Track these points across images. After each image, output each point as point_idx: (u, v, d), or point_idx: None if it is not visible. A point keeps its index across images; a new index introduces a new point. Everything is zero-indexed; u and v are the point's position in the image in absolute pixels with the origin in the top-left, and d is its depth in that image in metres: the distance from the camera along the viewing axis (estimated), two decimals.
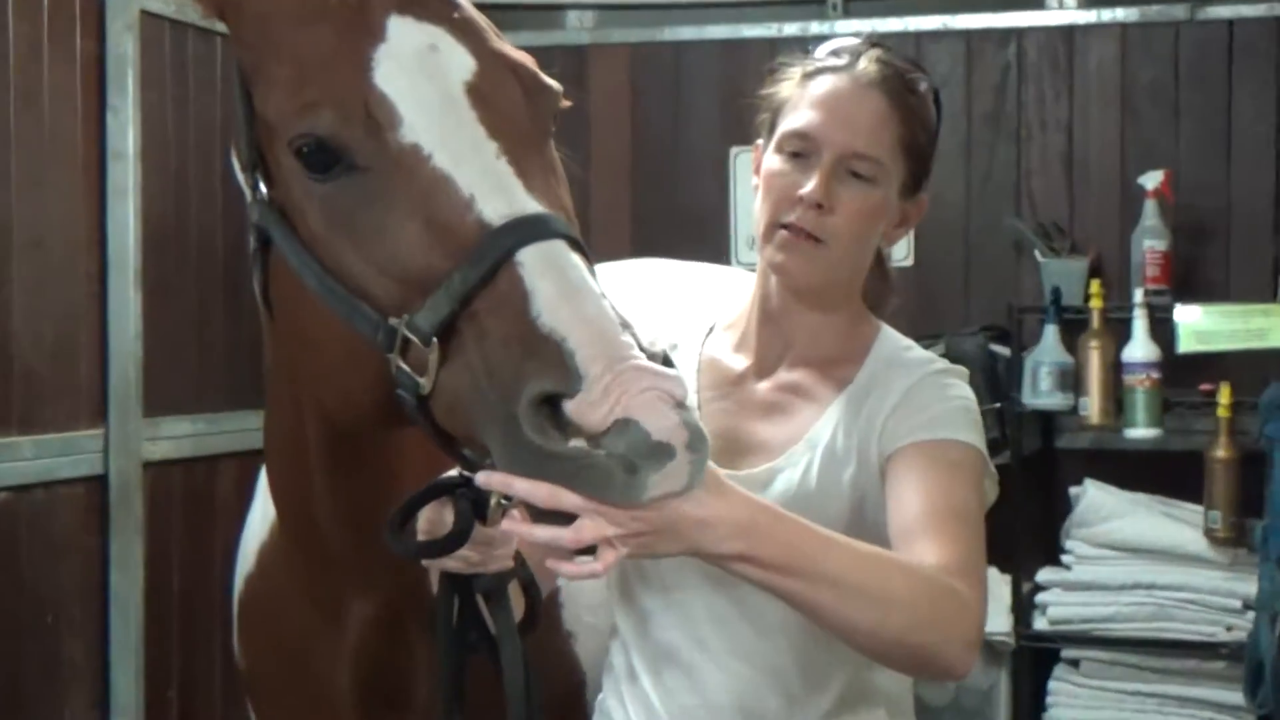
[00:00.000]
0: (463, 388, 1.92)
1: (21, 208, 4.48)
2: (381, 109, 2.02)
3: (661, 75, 6.29)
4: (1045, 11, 5.98)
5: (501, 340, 1.88)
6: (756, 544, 2.02)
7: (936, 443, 2.39)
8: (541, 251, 1.92)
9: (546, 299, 1.87)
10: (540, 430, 1.82)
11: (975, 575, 2.25)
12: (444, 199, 1.98)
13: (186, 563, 5.08)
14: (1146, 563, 5.31)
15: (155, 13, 4.93)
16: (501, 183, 1.99)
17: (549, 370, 1.82)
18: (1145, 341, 5.30)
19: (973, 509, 2.35)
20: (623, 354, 1.82)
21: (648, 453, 1.80)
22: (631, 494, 1.82)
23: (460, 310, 1.92)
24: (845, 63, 2.55)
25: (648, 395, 1.80)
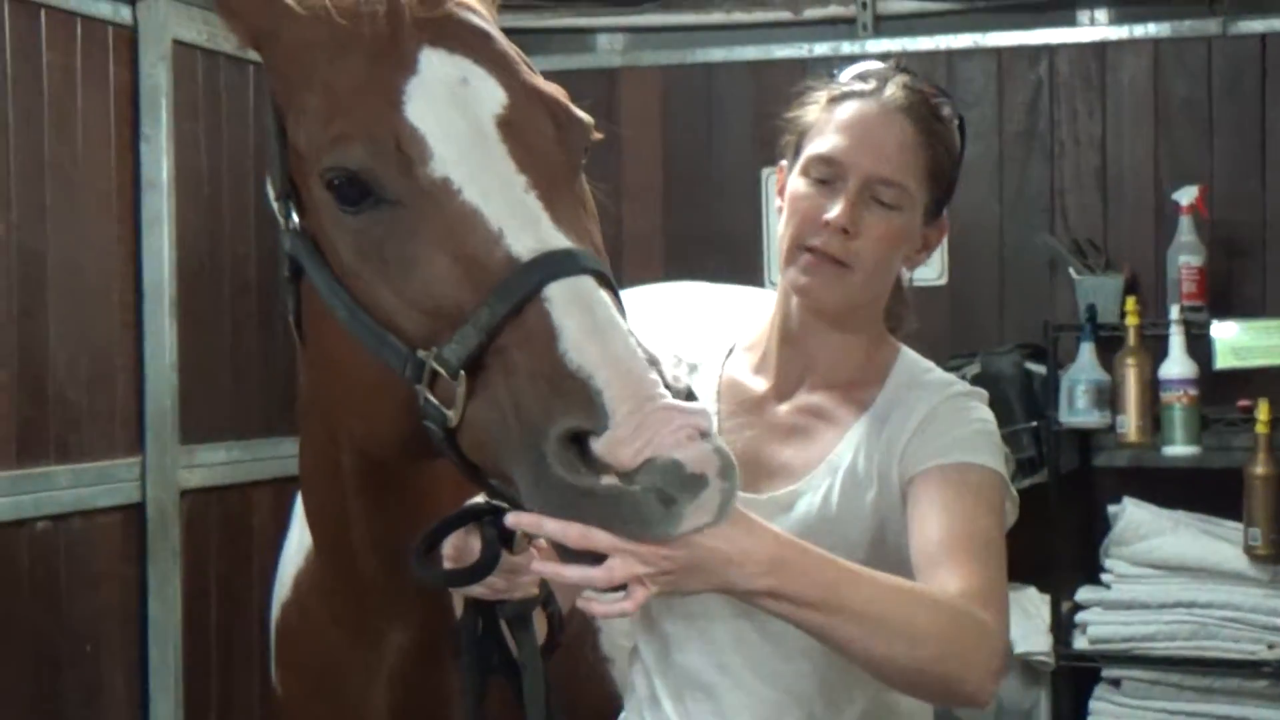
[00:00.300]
0: (490, 422, 1.93)
1: (56, 237, 4.50)
2: (412, 143, 2.02)
3: (692, 97, 6.29)
4: (1077, 28, 5.96)
5: (529, 376, 1.88)
6: (785, 580, 2.03)
7: (957, 466, 2.39)
8: (569, 287, 1.92)
9: (573, 336, 1.87)
10: (571, 467, 1.82)
11: (997, 601, 2.26)
12: (473, 233, 1.98)
13: (224, 590, 5.09)
14: (1187, 581, 5.28)
15: (188, 42, 4.95)
16: (530, 217, 1.99)
17: (577, 408, 1.83)
18: (1182, 358, 5.27)
19: (994, 534, 2.35)
20: (650, 393, 1.83)
21: (683, 484, 1.81)
22: (668, 526, 1.82)
23: (488, 344, 1.92)
24: (872, 88, 2.55)
25: (677, 434, 1.81)
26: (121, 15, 4.78)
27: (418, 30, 2.11)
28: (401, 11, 2.11)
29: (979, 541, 2.30)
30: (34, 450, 4.44)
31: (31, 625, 4.42)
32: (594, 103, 2.26)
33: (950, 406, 2.46)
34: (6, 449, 4.35)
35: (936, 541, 2.30)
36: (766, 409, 2.59)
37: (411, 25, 2.10)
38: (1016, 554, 3.00)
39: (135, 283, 4.81)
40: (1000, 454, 2.46)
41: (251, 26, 2.20)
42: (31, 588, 4.41)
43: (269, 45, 2.19)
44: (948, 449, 2.40)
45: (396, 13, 2.11)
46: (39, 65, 4.47)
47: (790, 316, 2.58)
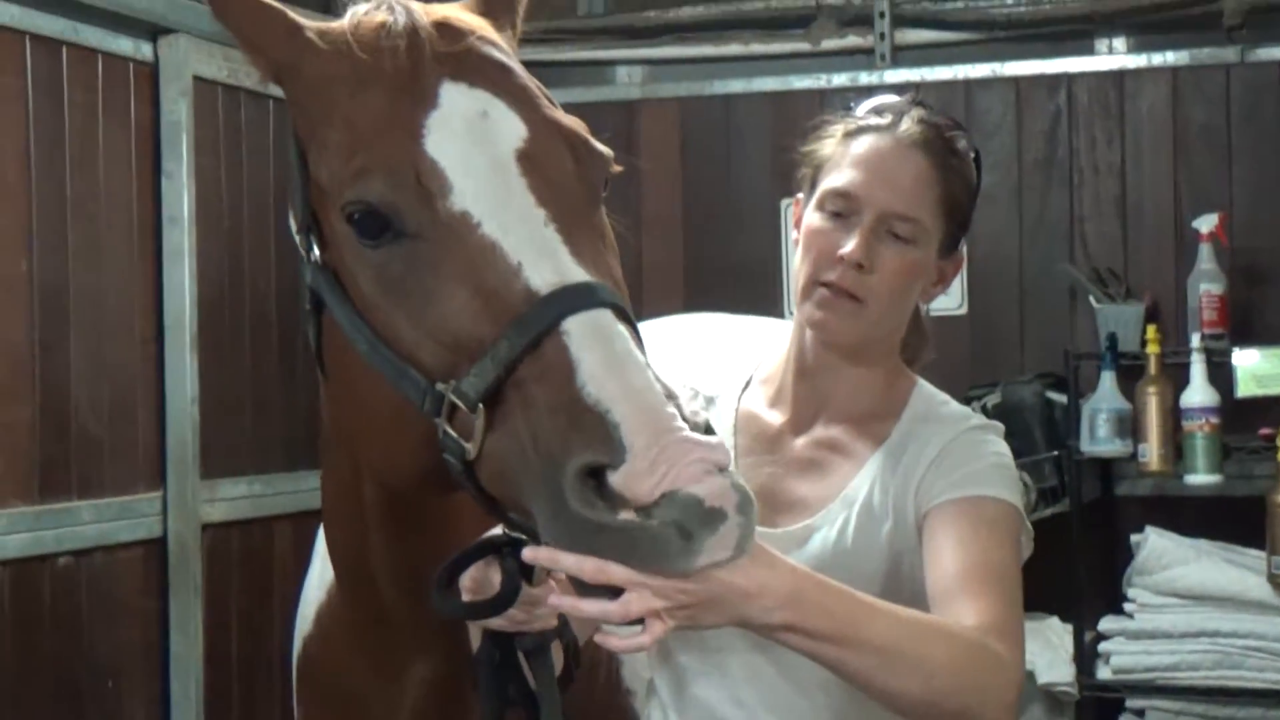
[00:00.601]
0: (508, 455, 1.93)
1: (78, 272, 4.52)
2: (432, 176, 2.03)
3: (711, 128, 6.30)
4: (1095, 57, 5.97)
5: (547, 409, 1.89)
6: (803, 614, 2.03)
7: (972, 500, 2.40)
8: (587, 321, 1.92)
9: (591, 369, 1.88)
10: (587, 502, 1.82)
11: (1013, 635, 2.27)
12: (492, 266, 1.98)
13: (245, 624, 5.09)
14: (1210, 610, 5.26)
15: (209, 78, 4.98)
16: (549, 250, 2.00)
17: (594, 442, 1.83)
18: (1203, 386, 5.26)
19: (1009, 567, 2.36)
20: (667, 426, 1.83)
21: (702, 518, 1.81)
22: (686, 560, 1.82)
23: (506, 378, 1.93)
24: (888, 122, 2.55)
25: (694, 468, 1.80)
26: (143, 52, 4.81)
27: (438, 65, 2.12)
28: (422, 46, 2.12)
29: (994, 575, 2.31)
30: (56, 485, 4.45)
31: (54, 659, 4.42)
32: (613, 134, 2.27)
33: (966, 440, 2.47)
34: (29, 484, 4.36)
35: (952, 574, 2.31)
36: (783, 443, 2.59)
37: (432, 60, 2.11)
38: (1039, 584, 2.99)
39: (156, 317, 4.82)
40: (1016, 487, 2.47)
41: (274, 61, 2.20)
42: (54, 622, 4.42)
43: (291, 79, 2.20)
44: (963, 483, 2.41)
45: (417, 47, 2.12)
46: (61, 101, 4.49)
47: (805, 350, 2.58)
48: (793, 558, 2.46)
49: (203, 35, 4.91)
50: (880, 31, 6.10)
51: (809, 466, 2.56)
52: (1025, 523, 2.48)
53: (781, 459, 2.58)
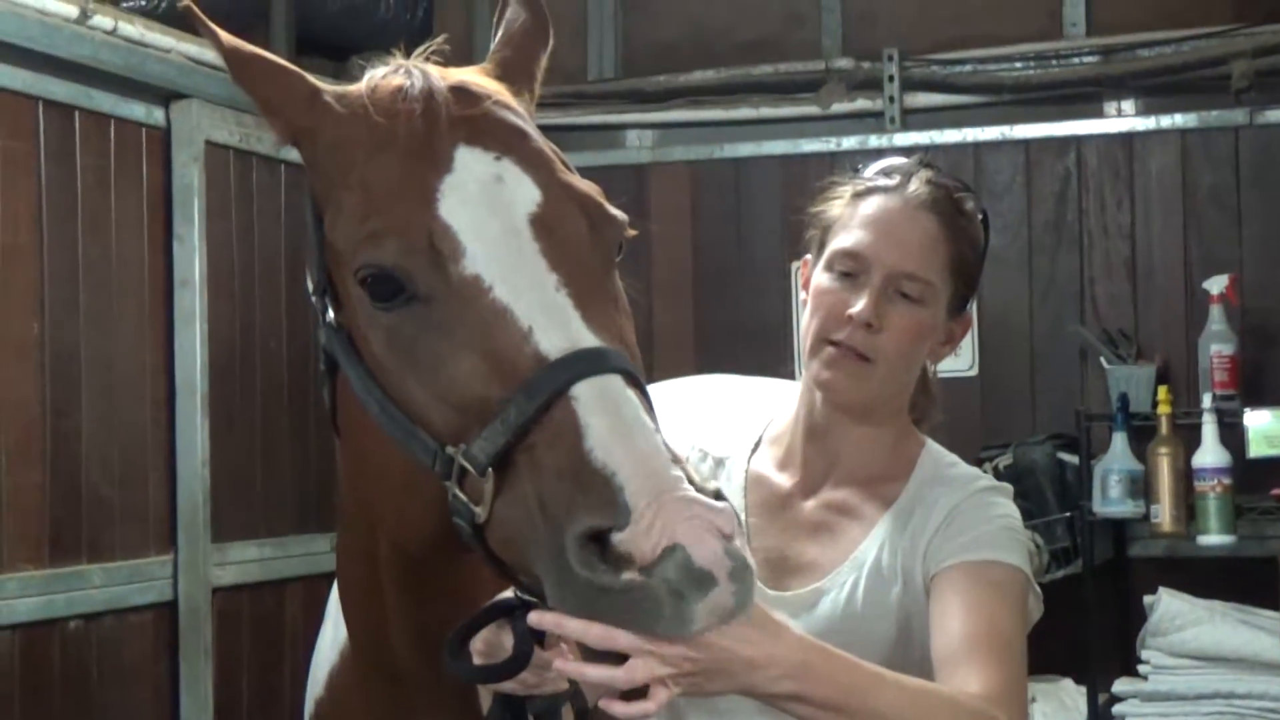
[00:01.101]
0: (517, 519, 1.92)
1: (90, 335, 4.53)
2: (445, 240, 2.03)
3: (721, 192, 6.32)
4: (1104, 119, 5.99)
5: (554, 474, 1.88)
6: (809, 685, 2.02)
7: (980, 564, 2.40)
8: (596, 386, 1.92)
9: (599, 434, 1.87)
10: (589, 565, 1.81)
11: (1016, 703, 2.27)
12: (503, 331, 1.98)
13: (256, 687, 5.07)
14: (1225, 671, 5.23)
15: (220, 143, 5.00)
16: (560, 315, 1.99)
17: (598, 505, 1.82)
18: (1215, 447, 5.25)
19: (1014, 633, 2.36)
20: (671, 486, 1.82)
21: (691, 579, 1.79)
22: (679, 624, 1.81)
23: (515, 442, 1.92)
24: (896, 183, 2.57)
25: (692, 523, 1.79)
26: (155, 117, 4.84)
27: (454, 128, 2.11)
28: (438, 110, 2.12)
29: (1000, 642, 2.31)
30: (66, 548, 4.45)
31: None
32: (624, 198, 2.27)
33: (974, 503, 2.47)
34: (39, 548, 4.36)
35: (958, 640, 2.31)
36: (792, 505, 2.59)
37: (447, 123, 2.11)
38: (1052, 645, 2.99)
39: (168, 380, 4.83)
40: (1024, 551, 2.47)
41: (291, 124, 2.21)
42: (64, 686, 4.41)
43: (308, 143, 2.20)
44: (971, 546, 2.41)
45: (433, 111, 2.12)
46: (73, 166, 4.52)
47: (814, 411, 2.58)
48: (802, 620, 2.46)
49: (215, 100, 4.94)
50: (889, 95, 6.12)
51: (818, 529, 2.56)
52: (1033, 585, 2.47)
53: (791, 522, 2.58)
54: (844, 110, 6.24)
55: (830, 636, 2.41)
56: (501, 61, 2.33)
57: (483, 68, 2.31)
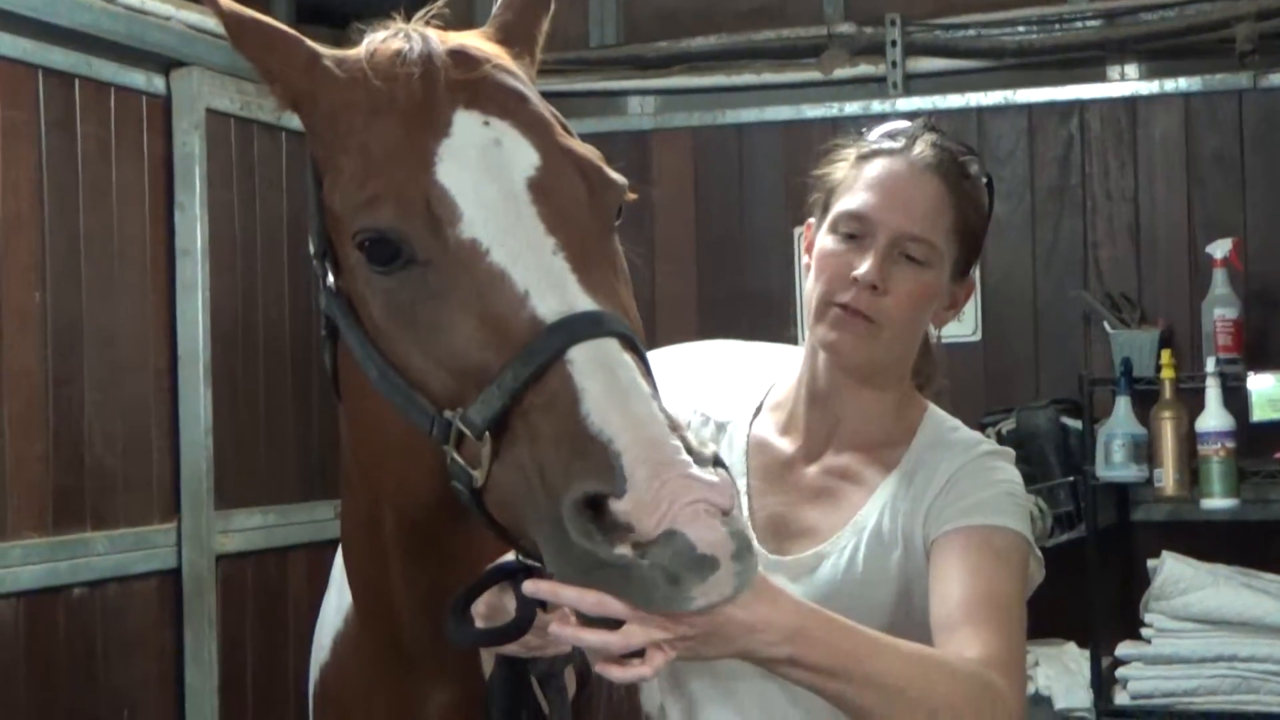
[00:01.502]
0: (514, 484, 1.92)
1: (91, 305, 4.53)
2: (442, 204, 2.03)
3: (724, 158, 6.31)
4: (1107, 84, 5.98)
5: (551, 439, 1.88)
6: (805, 649, 2.02)
7: (980, 529, 2.40)
8: (592, 350, 1.91)
9: (595, 399, 1.87)
10: (585, 534, 1.81)
11: (1015, 668, 2.27)
12: (499, 295, 1.98)
13: (260, 655, 5.09)
14: (1228, 635, 5.24)
15: (222, 111, 4.99)
16: (557, 279, 1.99)
17: (595, 472, 1.82)
18: (1219, 411, 5.25)
19: (1014, 599, 2.36)
20: (670, 457, 1.81)
21: (691, 565, 1.78)
22: (674, 604, 1.81)
23: (512, 406, 1.92)
24: (901, 145, 2.56)
25: (695, 508, 1.78)
26: (155, 85, 4.82)
27: (453, 93, 2.11)
28: (437, 74, 2.12)
29: (999, 607, 2.31)
30: (70, 517, 4.45)
31: (68, 692, 4.42)
32: (626, 164, 2.27)
33: (975, 467, 2.47)
34: (43, 516, 4.37)
35: (957, 605, 2.31)
36: (794, 470, 2.60)
37: (446, 88, 2.11)
38: (1055, 610, 2.99)
39: (170, 350, 4.83)
40: (1025, 516, 2.46)
41: (291, 90, 2.20)
42: (68, 654, 4.42)
43: (308, 108, 2.20)
44: (971, 511, 2.41)
45: (432, 75, 2.11)
46: (74, 135, 4.51)
47: (818, 375, 2.58)
48: (803, 585, 2.46)
49: (216, 68, 4.92)
50: (892, 60, 6.11)
51: (820, 494, 2.57)
52: (1034, 550, 2.47)
53: (792, 486, 2.59)
54: (846, 75, 6.23)
55: (831, 601, 2.41)
56: (502, 25, 2.33)
57: (483, 31, 2.31)
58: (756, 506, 2.59)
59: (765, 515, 2.58)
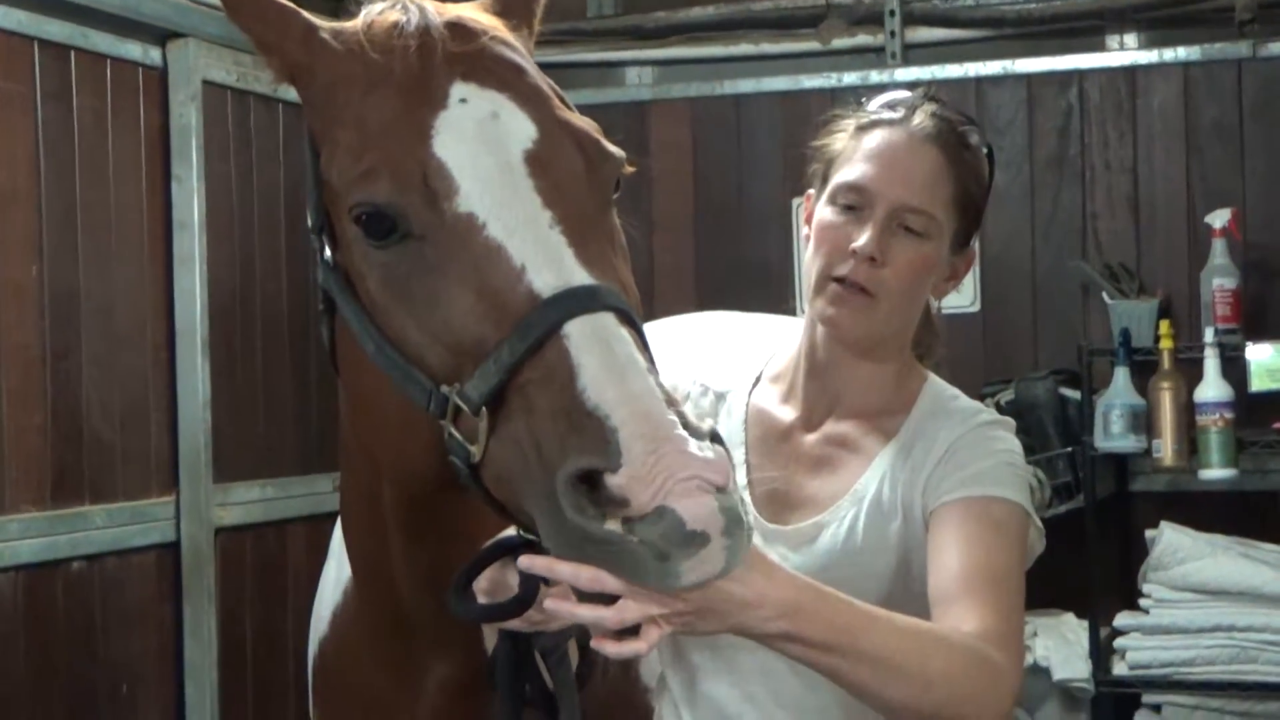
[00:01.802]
0: (510, 458, 1.92)
1: (89, 278, 4.52)
2: (439, 177, 2.02)
3: (722, 128, 6.29)
4: (1106, 53, 5.96)
5: (547, 413, 1.87)
6: (801, 624, 2.02)
7: (978, 500, 2.39)
8: (589, 324, 1.91)
9: (591, 374, 1.86)
10: (578, 508, 1.81)
11: (1012, 642, 2.27)
12: (496, 269, 1.97)
13: (259, 628, 5.09)
14: (1226, 605, 5.24)
15: (218, 83, 4.98)
16: (553, 254, 1.98)
17: (590, 446, 1.81)
18: (1217, 381, 5.25)
19: (1013, 571, 2.36)
20: (666, 433, 1.81)
21: (681, 541, 1.78)
22: (664, 581, 1.81)
23: (509, 381, 1.92)
24: (900, 116, 2.55)
25: (688, 484, 1.78)
26: (151, 57, 4.81)
27: (450, 65, 2.10)
28: (434, 46, 2.11)
29: (997, 580, 2.30)
30: (68, 490, 4.45)
31: (67, 665, 4.42)
32: (623, 135, 2.26)
33: (974, 436, 2.46)
34: (41, 489, 4.37)
35: (954, 577, 2.30)
36: (793, 439, 2.59)
37: (443, 59, 2.10)
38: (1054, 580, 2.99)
39: (168, 323, 4.83)
40: (1024, 486, 2.46)
41: (288, 62, 2.20)
42: (67, 628, 4.42)
43: (305, 80, 2.19)
44: (970, 482, 2.41)
45: (429, 47, 2.10)
46: (70, 107, 4.50)
47: (817, 347, 2.58)
48: (802, 555, 2.46)
49: (212, 40, 4.91)
50: (891, 30, 6.09)
51: (819, 463, 2.56)
52: (1035, 520, 2.47)
53: (792, 456, 2.58)
54: (845, 46, 6.22)
55: (830, 570, 2.41)
56: None
57: (481, 3, 2.30)
58: (755, 476, 2.59)
59: (764, 485, 2.58)
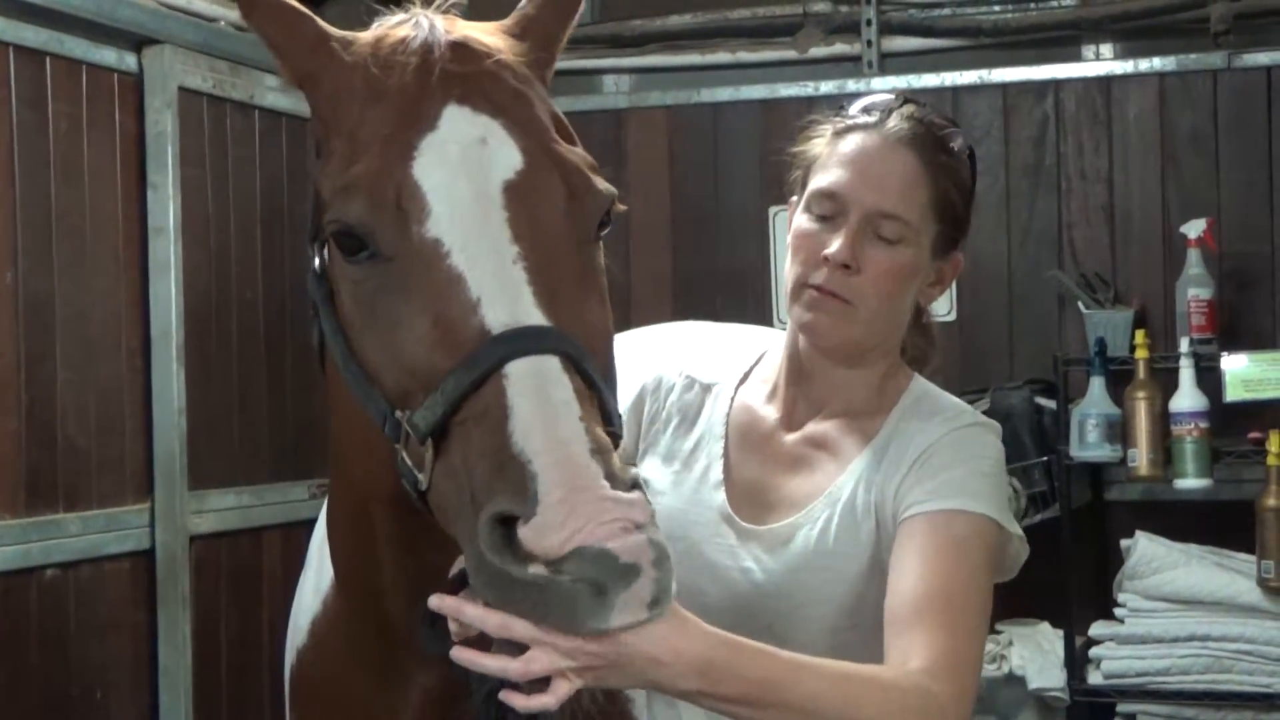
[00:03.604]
0: (449, 491, 1.92)
1: (63, 284, 4.50)
2: (412, 199, 2.00)
3: (699, 137, 6.30)
4: (1082, 63, 5.97)
5: (479, 452, 1.87)
6: (714, 681, 2.01)
7: (944, 514, 2.36)
8: (530, 366, 1.89)
9: (523, 417, 1.85)
10: (497, 550, 1.80)
11: (961, 671, 2.24)
12: (453, 299, 1.95)
13: (234, 636, 5.07)
14: (1201, 614, 5.25)
15: (194, 89, 4.96)
16: (510, 289, 1.96)
17: (510, 491, 1.81)
18: (1192, 391, 5.26)
19: (970, 592, 2.33)
20: (584, 483, 1.80)
21: (616, 573, 1.77)
22: (600, 617, 1.79)
23: (451, 415, 1.91)
24: (876, 120, 2.53)
25: (609, 527, 1.77)
26: (127, 63, 4.79)
27: (446, 85, 2.08)
28: (433, 65, 2.08)
29: (953, 604, 2.28)
30: (42, 497, 4.43)
31: (41, 673, 4.41)
32: (601, 143, 2.25)
33: (950, 441, 2.44)
34: (15, 496, 4.35)
35: (909, 601, 2.28)
36: (774, 439, 2.59)
37: (440, 80, 2.08)
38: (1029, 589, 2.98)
39: (143, 329, 4.81)
40: (997, 495, 2.43)
41: (296, 67, 2.18)
42: (41, 635, 4.40)
43: (312, 87, 2.18)
44: (939, 492, 2.38)
45: (428, 66, 2.08)
46: (45, 113, 4.48)
47: (799, 353, 2.57)
48: (775, 556, 2.46)
49: (188, 46, 4.90)
50: (867, 39, 6.11)
51: (798, 463, 2.55)
52: (1012, 528, 2.44)
53: (772, 455, 2.58)
54: (822, 55, 6.23)
55: (801, 573, 2.41)
56: (522, 19, 2.27)
57: (501, 25, 2.25)
58: (735, 472, 2.59)
59: (743, 481, 2.58)
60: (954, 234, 2.57)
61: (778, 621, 2.48)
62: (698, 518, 2.57)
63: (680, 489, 2.62)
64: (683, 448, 2.65)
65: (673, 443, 2.67)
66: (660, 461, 2.67)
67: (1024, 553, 2.49)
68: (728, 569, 2.53)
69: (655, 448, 2.68)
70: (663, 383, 2.71)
